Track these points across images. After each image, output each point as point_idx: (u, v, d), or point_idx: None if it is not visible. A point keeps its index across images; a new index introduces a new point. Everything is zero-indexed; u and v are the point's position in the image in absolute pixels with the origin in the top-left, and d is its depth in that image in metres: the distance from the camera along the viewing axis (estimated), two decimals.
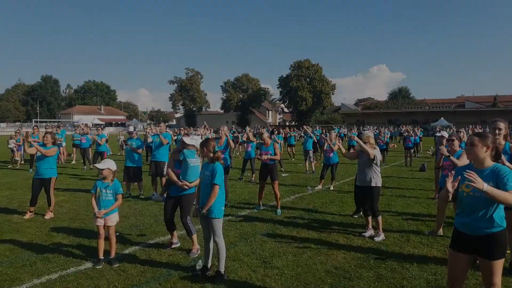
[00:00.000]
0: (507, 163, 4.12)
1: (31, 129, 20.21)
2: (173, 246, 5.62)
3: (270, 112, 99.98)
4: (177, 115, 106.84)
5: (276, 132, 18.27)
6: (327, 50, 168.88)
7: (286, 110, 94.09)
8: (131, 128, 10.25)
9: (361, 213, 7.51)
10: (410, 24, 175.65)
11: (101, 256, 5.01)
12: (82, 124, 21.56)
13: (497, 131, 4.85)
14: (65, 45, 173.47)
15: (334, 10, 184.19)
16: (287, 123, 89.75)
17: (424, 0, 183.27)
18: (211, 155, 4.56)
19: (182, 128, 18.90)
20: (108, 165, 5.08)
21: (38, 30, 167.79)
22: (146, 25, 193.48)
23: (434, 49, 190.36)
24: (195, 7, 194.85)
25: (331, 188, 10.73)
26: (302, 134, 18.78)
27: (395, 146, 28.97)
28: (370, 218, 6.34)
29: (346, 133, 34.44)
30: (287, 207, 8.48)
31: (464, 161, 5.74)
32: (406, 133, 19.36)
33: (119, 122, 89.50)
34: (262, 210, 8.14)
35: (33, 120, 74.58)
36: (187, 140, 5.52)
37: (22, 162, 17.10)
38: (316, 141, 17.42)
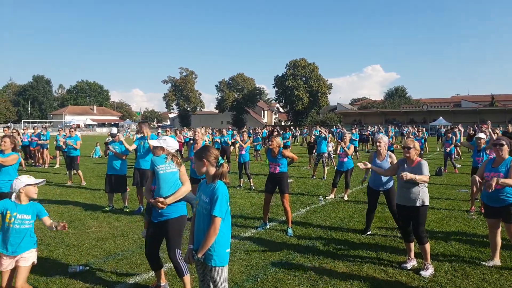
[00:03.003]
0: None
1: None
2: None
3: (265, 112, 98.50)
4: (171, 115, 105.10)
5: (276, 133, 16.67)
6: (321, 50, 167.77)
7: (281, 110, 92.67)
8: (114, 130, 8.78)
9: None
10: (404, 24, 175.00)
11: None
12: (73, 125, 20.05)
13: None
14: (58, 44, 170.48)
15: (328, 10, 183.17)
16: (282, 123, 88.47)
17: (418, 0, 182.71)
18: (213, 170, 3.15)
19: (168, 129, 17.40)
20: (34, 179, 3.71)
21: (30, 29, 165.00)
22: (140, 24, 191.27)
23: (428, 49, 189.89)
24: (189, 6, 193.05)
25: (345, 197, 9.34)
26: (313, 136, 17.33)
27: (398, 146, 27.73)
28: (412, 244, 4.98)
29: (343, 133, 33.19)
30: (300, 223, 7.09)
31: None
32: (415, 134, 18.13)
33: (112, 123, 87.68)
34: (269, 228, 6.74)
35: (23, 121, 72.72)
36: (153, 142, 4.28)
37: None
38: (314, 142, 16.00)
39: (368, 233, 6.39)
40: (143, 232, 5.98)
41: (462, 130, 9.36)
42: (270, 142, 6.69)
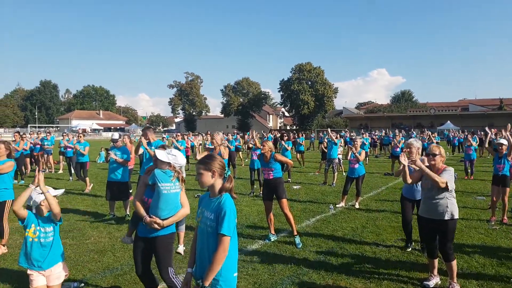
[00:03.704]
0: None
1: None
2: None
3: (271, 116, 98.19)
4: (177, 120, 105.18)
5: (286, 137, 16.05)
6: (327, 54, 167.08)
7: (287, 114, 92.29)
8: (116, 135, 8.46)
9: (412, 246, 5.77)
10: (409, 28, 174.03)
11: None
12: (79, 129, 19.78)
13: None
14: (65, 49, 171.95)
15: (334, 13, 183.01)
16: (287, 127, 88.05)
17: (424, 4, 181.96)
18: (220, 182, 2.75)
19: (178, 134, 16.95)
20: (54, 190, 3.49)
21: (37, 35, 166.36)
22: (146, 29, 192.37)
23: (434, 52, 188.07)
24: (195, 11, 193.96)
25: (357, 205, 8.92)
26: (325, 140, 16.62)
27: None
28: (436, 261, 4.56)
29: (354, 138, 32.50)
30: (310, 234, 6.69)
31: None
32: (428, 139, 17.66)
33: (118, 127, 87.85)
34: (277, 240, 6.34)
35: (29, 125, 73.02)
36: (160, 155, 3.75)
37: None
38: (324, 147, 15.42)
39: (409, 248, 5.81)
40: (125, 239, 5.60)
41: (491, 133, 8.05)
42: (261, 147, 6.35)
